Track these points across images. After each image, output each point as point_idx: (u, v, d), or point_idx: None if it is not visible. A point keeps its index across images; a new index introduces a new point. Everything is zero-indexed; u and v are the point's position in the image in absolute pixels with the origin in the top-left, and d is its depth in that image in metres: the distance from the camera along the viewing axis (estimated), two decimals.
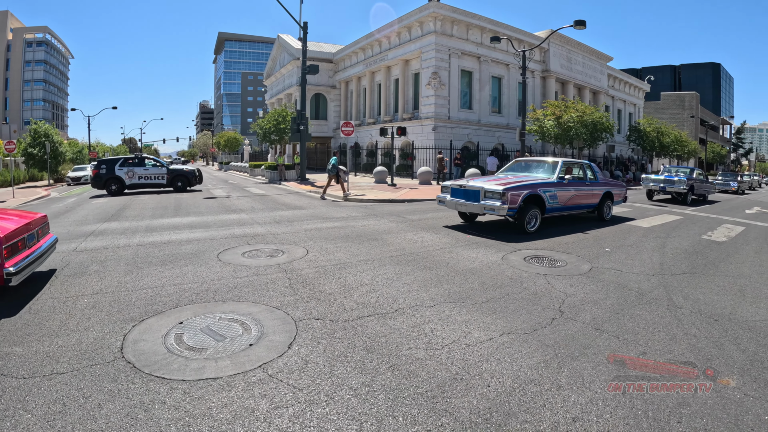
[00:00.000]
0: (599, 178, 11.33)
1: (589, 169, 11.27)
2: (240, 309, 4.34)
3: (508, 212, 8.59)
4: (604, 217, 11.32)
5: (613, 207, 11.84)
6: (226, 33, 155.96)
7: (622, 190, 12.23)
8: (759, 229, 11.46)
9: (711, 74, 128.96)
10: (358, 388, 3.03)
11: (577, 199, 10.35)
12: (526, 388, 3.06)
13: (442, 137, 30.89)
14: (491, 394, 2.98)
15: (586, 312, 4.64)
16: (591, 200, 10.84)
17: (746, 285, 5.90)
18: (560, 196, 9.75)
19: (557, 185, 9.72)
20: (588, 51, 41.89)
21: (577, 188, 10.36)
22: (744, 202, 21.24)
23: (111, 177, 18.67)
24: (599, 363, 3.47)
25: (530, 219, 9.02)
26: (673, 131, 42.05)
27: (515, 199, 8.62)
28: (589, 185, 10.79)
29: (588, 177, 10.99)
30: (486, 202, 8.77)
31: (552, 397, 2.95)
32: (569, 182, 10.06)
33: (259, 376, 3.09)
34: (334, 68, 45.06)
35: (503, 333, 4.02)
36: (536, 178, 9.77)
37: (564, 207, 9.98)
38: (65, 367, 3.16)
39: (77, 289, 4.93)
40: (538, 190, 9.18)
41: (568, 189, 9.99)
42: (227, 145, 66.51)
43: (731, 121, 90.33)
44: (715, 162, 70.82)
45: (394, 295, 5.01)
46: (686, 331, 4.17)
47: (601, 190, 11.20)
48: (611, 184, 11.86)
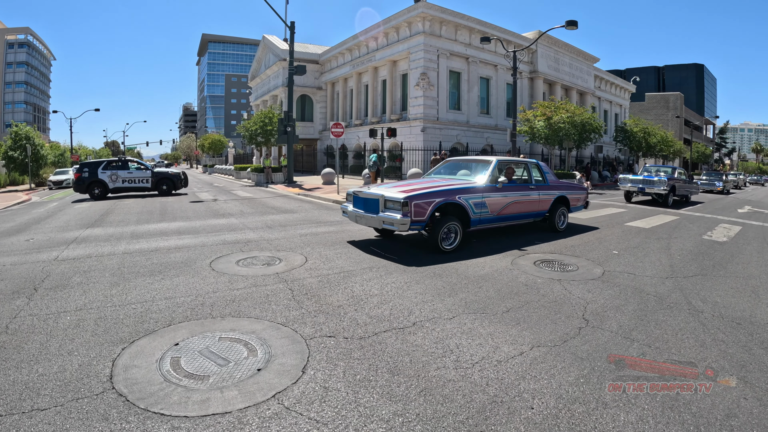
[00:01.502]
0: (549, 180, 9.54)
1: (536, 170, 9.54)
2: (241, 326, 3.91)
3: (412, 226, 6.76)
4: (556, 226, 9.50)
5: (568, 214, 10.04)
6: (209, 35, 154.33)
7: (581, 194, 10.43)
8: (756, 229, 11.49)
9: (694, 75, 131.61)
10: (391, 419, 2.64)
11: (518, 207, 8.52)
12: (572, 408, 2.81)
13: (431, 138, 30.67)
14: (537, 418, 2.70)
15: (611, 319, 4.42)
16: (537, 207, 9.06)
17: (758, 286, 5.85)
18: (492, 204, 7.85)
19: (487, 190, 7.82)
20: (575, 52, 42.16)
21: (516, 193, 8.51)
22: (734, 202, 21.45)
23: (94, 181, 17.99)
24: (639, 377, 3.26)
25: (447, 234, 7.14)
26: (659, 131, 42.51)
27: (422, 210, 6.78)
28: (534, 189, 8.97)
29: (533, 179, 9.17)
30: (386, 215, 6.86)
31: (601, 417, 2.74)
32: (505, 186, 8.17)
33: (274, 409, 2.67)
34: (320, 69, 44.57)
35: (533, 346, 3.72)
36: (459, 183, 7.90)
37: (499, 217, 8.12)
38: (47, 401, 2.70)
39: (59, 304, 4.43)
40: (458, 197, 7.28)
41: (503, 195, 8.10)
42: (212, 147, 65.45)
43: (715, 122, 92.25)
44: (700, 162, 71.76)
45: (408, 306, 4.63)
46: (714, 337, 4.06)
47: (552, 195, 9.38)
48: (566, 187, 10.01)
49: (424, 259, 6.72)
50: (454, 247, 7.16)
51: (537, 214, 9.10)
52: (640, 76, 76.69)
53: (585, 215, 12.79)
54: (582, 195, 10.40)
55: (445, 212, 7.27)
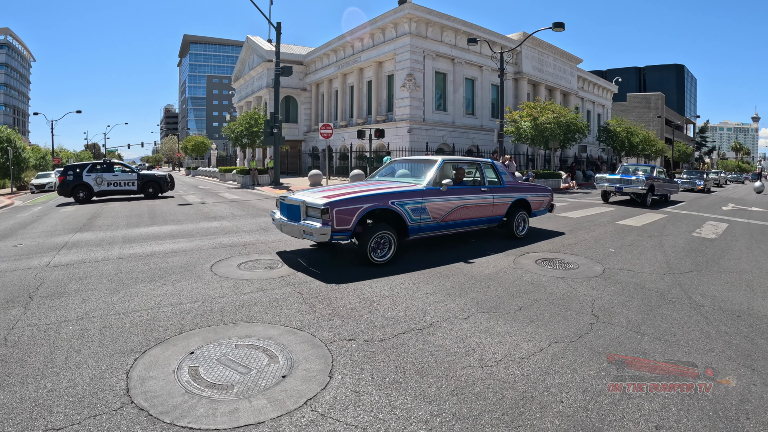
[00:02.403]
0: (506, 181, 8.58)
1: (490, 170, 8.58)
2: (257, 332, 3.80)
3: (335, 237, 5.91)
4: (515, 233, 8.56)
5: (529, 219, 9.07)
6: (191, 35, 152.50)
7: (545, 196, 9.51)
8: (742, 225, 11.77)
9: (675, 75, 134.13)
10: (429, 419, 2.59)
11: (467, 212, 7.61)
12: (599, 401, 2.88)
13: (417, 139, 30.74)
14: (569, 411, 2.74)
15: (620, 315, 4.51)
16: (492, 212, 8.11)
17: (752, 280, 6.03)
18: (434, 209, 6.97)
19: (428, 194, 6.91)
20: (559, 53, 42.74)
21: (465, 197, 7.59)
22: (717, 200, 21.94)
23: (79, 184, 17.57)
24: (656, 368, 3.37)
25: (378, 245, 6.24)
26: (641, 131, 43.31)
27: (346, 218, 5.94)
28: (487, 192, 8.00)
29: (487, 180, 8.21)
30: (305, 223, 6.06)
31: (627, 407, 2.81)
32: (451, 189, 7.28)
33: (309, 417, 2.58)
34: (304, 70, 44.31)
35: (551, 343, 3.76)
36: (395, 186, 6.95)
37: (444, 224, 7.25)
38: (62, 419, 2.53)
39: (58, 313, 4.23)
40: (391, 202, 6.39)
41: (448, 199, 7.19)
42: (194, 149, 64.50)
43: (695, 121, 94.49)
44: (681, 160, 72.99)
45: (422, 307, 4.58)
46: (717, 329, 4.21)
47: (508, 198, 8.44)
48: (526, 189, 9.08)
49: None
50: (387, 259, 6.26)
51: (492, 219, 8.20)
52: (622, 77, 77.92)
53: (576, 214, 12.94)
54: (545, 197, 9.49)
55: (380, 219, 6.50)
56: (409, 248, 7.44)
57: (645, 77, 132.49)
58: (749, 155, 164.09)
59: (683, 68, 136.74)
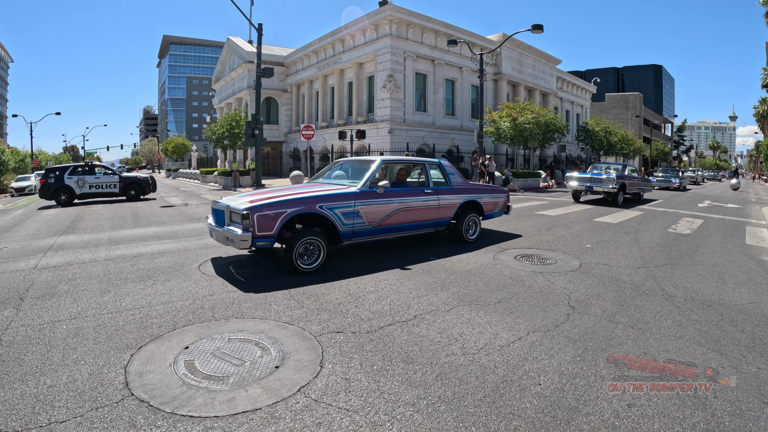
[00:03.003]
0: (454, 182, 8.11)
1: (436, 170, 8.10)
2: (248, 327, 3.94)
3: (257, 243, 5.62)
4: (465, 237, 8.12)
5: (481, 222, 8.61)
6: (171, 36, 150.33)
7: (500, 197, 9.09)
8: (717, 221, 12.22)
9: (653, 75, 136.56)
10: (416, 402, 2.78)
11: (409, 215, 7.16)
12: (575, 382, 3.09)
13: (398, 140, 30.98)
14: (546, 392, 2.96)
15: (595, 306, 4.75)
16: (437, 215, 7.65)
17: (723, 273, 6.33)
18: (369, 213, 6.57)
19: (363, 197, 6.51)
20: (538, 54, 43.43)
21: (406, 199, 7.15)
22: (694, 197, 22.62)
23: (60, 186, 17.38)
24: (628, 352, 3.61)
25: (306, 251, 5.88)
26: (619, 131, 44.23)
27: (268, 224, 5.63)
28: (431, 193, 7.54)
29: (432, 182, 7.74)
30: (228, 229, 5.79)
31: (601, 388, 3.04)
32: (390, 191, 6.88)
33: (303, 403, 2.74)
34: (285, 71, 44.19)
35: (529, 332, 3.99)
36: (326, 189, 6.56)
37: (381, 228, 6.81)
38: (65, 413, 2.63)
39: (51, 313, 4.29)
40: (319, 206, 6.04)
41: (385, 201, 6.78)
42: (175, 151, 63.61)
43: (673, 120, 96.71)
44: (659, 159, 74.09)
45: (406, 301, 4.78)
46: (689, 317, 4.46)
47: (456, 200, 7.98)
48: (478, 190, 8.64)
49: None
50: (315, 266, 5.88)
51: (438, 222, 7.73)
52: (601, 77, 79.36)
53: (555, 212, 13.29)
54: (500, 198, 9.09)
55: (312, 224, 6.24)
56: (390, 247, 7.64)
57: (623, 77, 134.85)
58: (726, 153, 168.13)
59: (661, 69, 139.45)
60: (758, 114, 66.62)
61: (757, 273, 6.37)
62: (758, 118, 67.95)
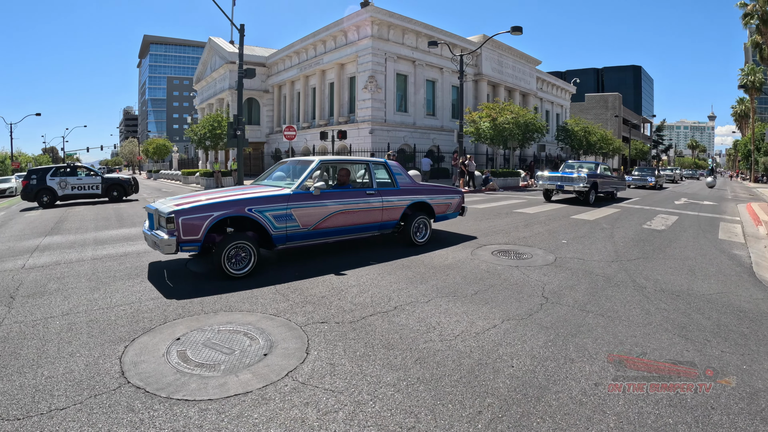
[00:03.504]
0: (400, 182, 7.74)
1: (381, 171, 7.82)
2: (236, 319, 4.11)
3: (183, 248, 5.38)
4: (413, 239, 7.75)
5: (431, 224, 8.22)
6: (151, 36, 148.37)
7: (453, 198, 8.67)
8: (691, 218, 12.70)
9: (632, 76, 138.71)
10: (396, 383, 3.00)
11: (348, 218, 6.83)
12: (546, 365, 3.32)
13: (379, 140, 31.23)
14: (518, 373, 3.18)
15: (568, 296, 5.01)
16: (380, 217, 7.30)
17: (694, 266, 6.64)
18: (304, 216, 6.26)
19: (296, 199, 6.22)
20: (518, 55, 44.10)
21: (346, 201, 6.83)
22: (671, 195, 23.30)
23: (42, 188, 17.23)
24: (597, 337, 3.85)
25: (236, 256, 5.61)
26: (599, 130, 45.17)
27: (194, 228, 5.38)
28: (374, 195, 7.22)
29: (375, 182, 7.41)
30: (155, 233, 5.57)
31: (570, 369, 3.25)
32: (327, 193, 6.62)
33: (291, 385, 2.94)
34: (267, 72, 44.06)
35: (503, 320, 4.22)
36: (258, 192, 6.27)
37: (318, 232, 6.49)
38: (64, 401, 2.76)
39: (43, 310, 4.39)
40: (248, 209, 5.77)
41: (321, 203, 6.47)
42: (156, 152, 62.80)
43: (652, 120, 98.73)
44: (638, 158, 75.01)
45: (386, 293, 5.00)
46: (657, 306, 4.71)
47: (403, 201, 7.64)
48: (427, 191, 8.23)
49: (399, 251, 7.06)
50: (246, 272, 5.62)
51: (383, 225, 7.39)
52: (580, 78, 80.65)
53: (533, 210, 13.64)
54: (453, 199, 8.66)
55: (244, 228, 5.97)
56: (374, 245, 7.86)
57: (603, 78, 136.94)
58: (705, 152, 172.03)
59: (640, 69, 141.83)
60: (736, 114, 68.88)
61: (727, 266, 6.68)
62: (736, 118, 70.19)
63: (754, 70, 50.34)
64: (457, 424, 2.55)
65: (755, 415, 2.68)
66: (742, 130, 69.61)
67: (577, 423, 2.58)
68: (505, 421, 2.60)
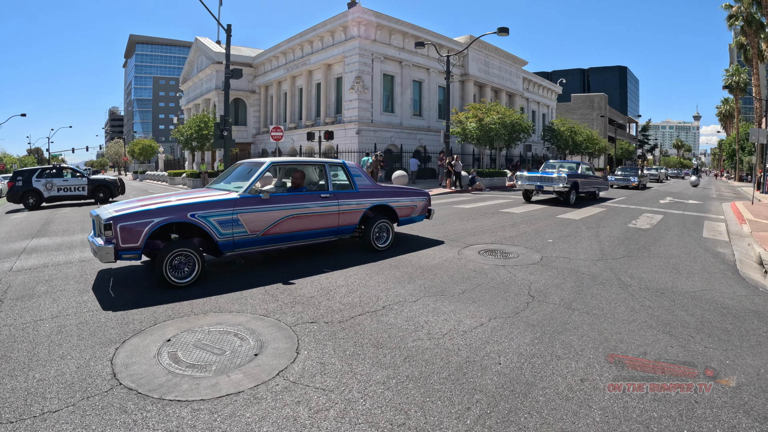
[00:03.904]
0: (359, 185, 7.34)
1: (339, 172, 7.44)
2: (226, 320, 4.14)
3: (123, 256, 5.10)
4: (374, 245, 7.30)
5: (393, 228, 7.74)
6: (137, 36, 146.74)
7: (418, 200, 8.28)
8: (676, 217, 12.94)
9: (618, 77, 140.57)
10: (386, 381, 3.07)
11: (301, 223, 6.42)
12: (532, 362, 3.40)
13: (366, 140, 31.29)
14: (506, 370, 3.25)
15: (554, 295, 5.11)
16: (338, 221, 6.90)
17: (678, 264, 6.78)
18: (252, 221, 5.88)
19: (243, 203, 5.86)
20: (504, 56, 44.44)
21: (297, 205, 6.40)
22: (656, 194, 23.63)
23: (28, 189, 17.03)
24: (582, 335, 3.93)
25: (181, 264, 5.29)
26: (585, 130, 45.71)
27: (133, 235, 5.09)
28: (329, 198, 6.78)
29: (332, 185, 7.01)
30: (94, 241, 5.33)
31: (557, 366, 3.34)
32: (277, 196, 6.23)
33: (282, 385, 2.99)
34: (253, 72, 43.83)
35: (491, 318, 4.31)
36: (202, 196, 5.95)
37: (268, 237, 6.10)
38: (57, 403, 2.77)
39: (32, 313, 4.36)
40: (191, 215, 5.44)
41: (272, 208, 6.08)
42: (142, 153, 62.07)
43: (637, 120, 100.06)
44: (624, 158, 75.69)
45: (375, 293, 5.07)
46: (642, 303, 4.83)
47: (362, 205, 7.21)
48: (388, 194, 7.80)
49: (383, 252, 7.14)
50: (189, 281, 5.29)
51: (339, 229, 6.98)
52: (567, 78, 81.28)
53: (519, 209, 13.79)
54: (418, 202, 8.29)
55: (190, 234, 5.77)
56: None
57: (589, 78, 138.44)
58: (690, 152, 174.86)
59: (626, 70, 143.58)
60: (721, 114, 70.23)
61: (711, 264, 6.84)
62: (721, 118, 71.57)
63: (739, 71, 51.37)
64: (446, 420, 2.62)
65: (738, 408, 2.79)
66: (727, 129, 70.97)
67: (564, 417, 2.67)
68: (494, 416, 2.67)
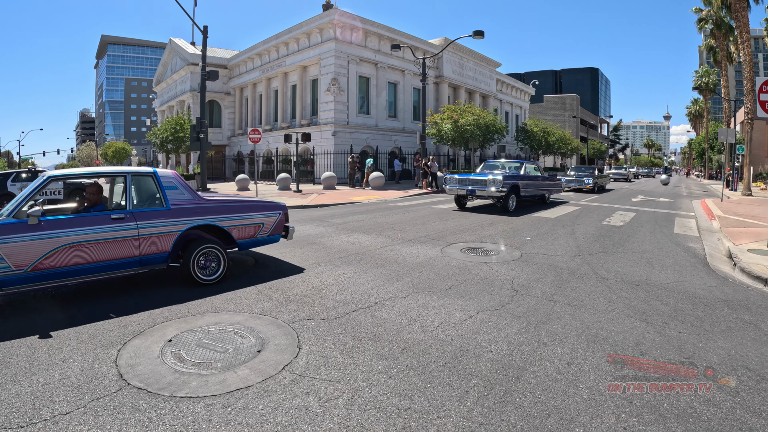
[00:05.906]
0: (173, 200, 5.56)
1: (147, 184, 5.70)
2: (224, 319, 4.23)
3: None
4: (196, 277, 5.44)
5: (226, 255, 5.75)
6: (109, 36, 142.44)
7: (266, 216, 6.40)
8: (648, 214, 13.51)
9: (590, 78, 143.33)
10: (387, 370, 3.24)
11: (86, 253, 4.85)
12: (522, 348, 3.65)
13: (342, 142, 31.37)
14: (497, 357, 3.49)
15: (536, 288, 5.40)
16: (139, 249, 5.20)
17: (652, 258, 7.19)
18: (14, 254, 4.44)
19: (4, 231, 4.47)
20: (478, 58, 45.08)
21: (79, 230, 4.84)
22: (628, 192, 24.48)
23: (3, 194, 16.61)
24: (565, 324, 4.22)
25: None
26: (557, 131, 46.80)
27: None
28: (125, 219, 5.14)
29: (131, 202, 5.36)
30: None
31: (544, 352, 3.60)
32: (50, 221, 4.75)
33: (290, 378, 3.12)
34: (228, 74, 43.27)
35: (479, 311, 4.55)
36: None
37: (40, 274, 4.60)
38: (66, 405, 2.80)
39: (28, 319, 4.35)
40: None
41: (42, 236, 4.62)
42: (115, 156, 60.48)
43: (609, 120, 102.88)
44: (596, 157, 77.20)
45: (366, 291, 5.24)
46: (619, 295, 5.17)
47: (177, 226, 5.49)
48: (222, 210, 5.98)
49: (376, 251, 7.29)
50: None
51: (145, 259, 5.29)
52: (539, 80, 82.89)
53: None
54: (267, 218, 6.42)
55: None
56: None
57: (561, 80, 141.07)
58: (661, 151, 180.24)
59: (597, 71, 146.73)
60: (690, 114, 72.94)
61: (683, 257, 7.26)
62: (690, 118, 74.33)
63: (708, 72, 53.31)
64: (448, 403, 2.82)
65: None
66: (697, 129, 73.69)
67: (555, 396, 2.91)
68: (491, 397, 2.89)
